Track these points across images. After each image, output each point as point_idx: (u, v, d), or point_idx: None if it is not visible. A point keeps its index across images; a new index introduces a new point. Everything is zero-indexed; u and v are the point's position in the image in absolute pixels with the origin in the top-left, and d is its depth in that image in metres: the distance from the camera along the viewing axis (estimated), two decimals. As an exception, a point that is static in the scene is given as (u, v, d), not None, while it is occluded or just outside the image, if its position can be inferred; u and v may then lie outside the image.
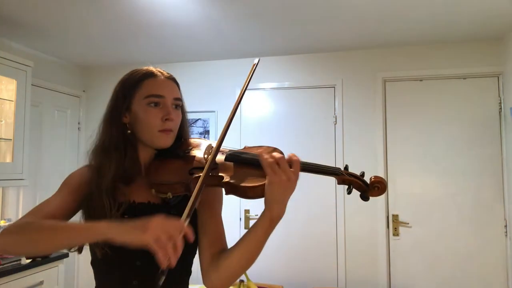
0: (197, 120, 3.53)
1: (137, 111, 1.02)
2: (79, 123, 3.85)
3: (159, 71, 1.07)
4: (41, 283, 2.64)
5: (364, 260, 3.16)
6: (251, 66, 1.05)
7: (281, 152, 1.01)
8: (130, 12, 2.58)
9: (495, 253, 2.95)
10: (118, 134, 1.02)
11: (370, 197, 0.99)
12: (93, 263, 1.05)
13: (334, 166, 1.01)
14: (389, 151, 3.23)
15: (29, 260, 2.59)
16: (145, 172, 1.05)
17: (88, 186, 1.02)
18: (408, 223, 3.13)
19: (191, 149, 1.07)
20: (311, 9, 2.53)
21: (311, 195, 3.23)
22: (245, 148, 1.07)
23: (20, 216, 3.12)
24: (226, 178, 0.95)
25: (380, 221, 3.14)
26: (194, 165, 1.00)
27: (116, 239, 0.80)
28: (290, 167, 0.88)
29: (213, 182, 0.96)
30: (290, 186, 0.87)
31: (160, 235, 0.77)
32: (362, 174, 1.01)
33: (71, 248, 0.96)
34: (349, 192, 0.99)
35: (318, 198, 3.27)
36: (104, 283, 1.03)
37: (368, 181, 0.99)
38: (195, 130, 3.56)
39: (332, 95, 3.37)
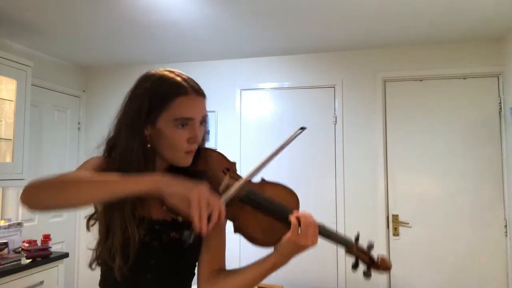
0: (197, 120, 3.54)
1: (162, 129, 0.96)
2: (79, 123, 3.85)
3: (190, 84, 0.98)
4: (41, 283, 2.64)
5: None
6: (297, 131, 1.06)
7: (297, 200, 1.04)
8: (130, 12, 2.58)
9: (495, 253, 2.95)
10: (139, 148, 0.96)
11: (372, 274, 1.03)
12: (102, 269, 1.03)
13: (346, 237, 1.04)
14: (389, 151, 3.23)
15: (29, 260, 2.59)
16: None
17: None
18: (408, 223, 3.13)
19: (209, 175, 1.02)
20: (311, 9, 2.53)
21: (311, 195, 3.23)
22: (262, 182, 1.05)
23: (20, 217, 3.15)
24: (236, 222, 0.96)
25: (380, 221, 3.14)
26: None
27: (164, 190, 0.83)
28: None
29: (227, 216, 0.94)
30: (305, 249, 0.93)
31: (202, 198, 0.81)
32: (371, 246, 1.06)
33: (111, 199, 0.87)
34: (353, 267, 1.03)
35: (318, 198, 3.27)
36: None
37: (375, 259, 1.04)
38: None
39: (332, 95, 3.37)
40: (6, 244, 2.63)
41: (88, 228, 1.01)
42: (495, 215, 2.97)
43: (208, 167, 1.04)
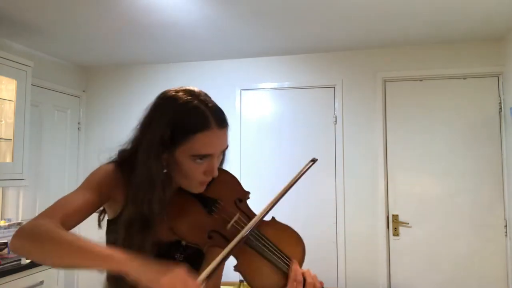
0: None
1: (180, 160, 0.93)
2: (79, 123, 3.85)
3: (214, 117, 0.94)
4: (41, 283, 2.64)
5: (364, 260, 3.16)
6: (308, 163, 1.03)
7: (303, 249, 1.02)
8: (130, 12, 2.58)
9: (495, 253, 2.95)
10: (157, 171, 0.94)
11: None
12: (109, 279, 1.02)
13: None
14: (389, 151, 3.23)
15: (29, 260, 2.59)
16: (167, 209, 0.97)
17: (117, 190, 0.98)
18: (408, 223, 3.13)
19: (219, 205, 1.00)
20: (311, 9, 2.53)
21: (311, 195, 3.23)
22: (272, 221, 1.03)
23: (20, 217, 3.14)
24: (239, 265, 0.94)
25: (380, 221, 3.14)
26: (215, 228, 0.96)
27: (132, 275, 0.76)
28: None
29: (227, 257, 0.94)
30: None
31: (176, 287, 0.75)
32: None
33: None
34: None
35: (318, 198, 3.27)
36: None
37: None
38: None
39: (332, 95, 3.37)
40: (6, 244, 2.63)
41: (99, 224, 1.01)
42: (495, 215, 2.97)
43: (221, 194, 1.02)
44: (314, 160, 1.03)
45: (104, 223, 1.02)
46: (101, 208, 1.02)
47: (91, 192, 0.94)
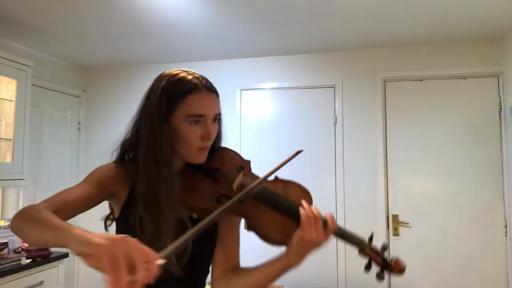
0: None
1: (177, 126, 0.99)
2: (79, 123, 3.85)
3: (202, 83, 1.01)
4: (41, 283, 2.64)
5: (364, 260, 3.16)
6: (293, 153, 1.04)
7: (311, 198, 1.03)
8: (130, 12, 2.58)
9: (495, 253, 2.95)
10: (160, 143, 0.99)
11: (385, 276, 1.02)
12: None
13: (359, 237, 1.04)
14: (389, 151, 3.23)
15: (29, 260, 2.59)
16: (174, 188, 1.01)
17: (119, 186, 1.01)
18: (408, 223, 3.13)
19: (223, 172, 1.04)
20: (311, 9, 2.53)
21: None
22: (275, 180, 1.06)
23: (20, 216, 3.14)
24: (249, 220, 0.96)
25: (380, 221, 3.14)
26: (222, 192, 1.00)
27: (69, 246, 0.68)
28: (325, 227, 0.93)
29: (237, 212, 0.98)
30: (317, 245, 0.92)
31: (119, 253, 0.60)
32: (384, 248, 1.04)
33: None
34: (366, 268, 1.03)
35: (318, 198, 3.26)
36: None
37: (389, 261, 1.03)
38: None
39: (332, 95, 3.37)
40: (6, 244, 2.63)
41: (106, 228, 1.04)
42: (495, 215, 2.97)
43: (223, 164, 1.06)
44: (299, 152, 1.05)
45: (111, 227, 1.05)
46: (108, 213, 1.06)
47: (90, 185, 0.97)
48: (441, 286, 3.01)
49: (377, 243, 1.02)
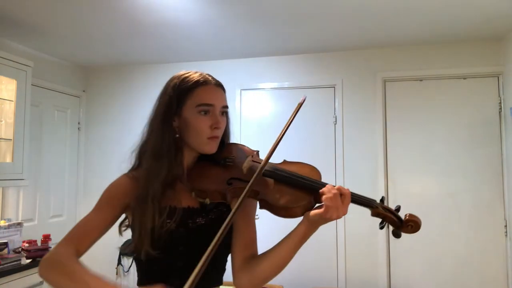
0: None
1: (187, 117, 1.06)
2: (79, 123, 3.85)
3: (209, 78, 1.11)
4: (41, 283, 2.65)
5: (364, 260, 3.16)
6: (297, 105, 1.11)
7: (319, 174, 1.09)
8: (130, 12, 2.58)
9: (495, 253, 2.95)
10: (170, 138, 1.06)
11: (402, 234, 1.05)
12: (136, 259, 1.09)
13: (371, 199, 1.06)
14: (389, 151, 3.23)
15: (29, 260, 2.59)
16: (187, 176, 1.09)
17: (130, 195, 1.06)
18: (408, 223, 3.12)
19: (232, 157, 1.11)
20: (311, 9, 2.53)
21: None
22: (284, 162, 1.11)
23: (20, 217, 3.15)
24: (263, 195, 0.99)
25: (380, 221, 3.13)
26: (232, 175, 1.05)
27: None
28: (342, 202, 0.98)
29: (250, 195, 0.99)
30: (335, 217, 0.97)
31: None
32: (398, 209, 1.07)
33: None
34: (381, 227, 1.05)
35: (318, 198, 3.26)
36: (146, 280, 1.07)
37: (403, 218, 1.05)
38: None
39: (332, 95, 3.37)
40: (6, 244, 2.63)
41: (120, 233, 1.09)
42: (495, 215, 2.97)
43: (232, 153, 1.13)
44: (302, 102, 1.13)
45: (126, 232, 1.10)
46: (122, 218, 1.10)
47: (103, 209, 1.05)
48: (441, 286, 3.01)
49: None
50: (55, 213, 3.53)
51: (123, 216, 1.10)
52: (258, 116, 3.52)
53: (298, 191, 1.00)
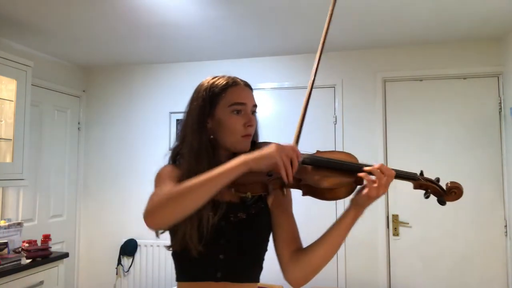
0: (197, 120, 3.54)
1: (221, 118, 1.11)
2: (79, 123, 3.85)
3: (238, 79, 1.17)
4: (41, 283, 2.64)
5: (364, 260, 3.16)
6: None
7: (356, 158, 1.12)
8: (130, 13, 2.58)
9: (495, 253, 2.95)
10: (206, 139, 1.10)
11: (447, 202, 1.10)
12: (174, 255, 1.11)
13: (412, 172, 1.10)
14: (389, 151, 3.23)
15: (29, 260, 2.59)
16: None
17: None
18: (408, 223, 3.13)
19: None
20: (311, 9, 2.53)
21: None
22: (317, 152, 1.16)
23: (20, 217, 3.14)
24: (305, 181, 1.03)
25: (380, 221, 3.14)
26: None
27: (254, 168, 0.92)
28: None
29: (292, 184, 1.02)
30: (380, 194, 1.01)
31: (283, 156, 0.93)
32: (438, 180, 1.11)
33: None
34: (426, 197, 1.09)
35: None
36: (187, 275, 1.09)
37: (445, 187, 1.09)
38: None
39: (332, 95, 3.37)
40: (6, 244, 2.63)
41: (157, 235, 1.09)
42: (495, 215, 2.97)
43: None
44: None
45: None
46: None
47: (170, 182, 1.06)
48: (441, 286, 3.01)
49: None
50: (55, 213, 3.53)
51: None
52: (258, 116, 3.51)
53: (339, 173, 1.04)
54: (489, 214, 2.98)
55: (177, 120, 3.59)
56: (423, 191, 1.09)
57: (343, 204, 3.23)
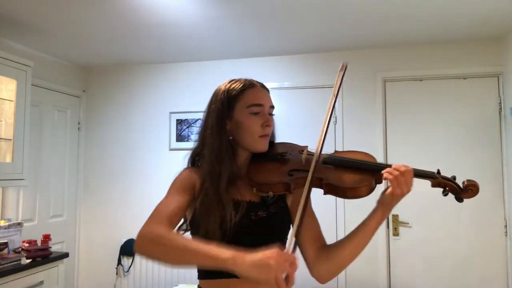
0: (197, 120, 3.53)
1: (239, 119, 1.14)
2: (79, 123, 3.85)
3: (254, 81, 1.20)
4: (41, 283, 2.64)
5: (364, 260, 3.16)
6: (339, 72, 1.15)
7: (374, 157, 1.16)
8: (130, 13, 2.58)
9: (495, 253, 2.95)
10: (226, 140, 1.13)
11: (464, 199, 1.12)
12: None
13: (430, 171, 1.14)
14: (389, 151, 3.23)
15: (29, 260, 2.59)
16: (246, 173, 1.15)
17: (196, 188, 1.11)
18: (408, 223, 3.13)
19: (287, 152, 1.19)
20: (310, 9, 2.53)
21: (310, 195, 3.22)
22: (335, 152, 1.18)
23: (20, 217, 3.14)
24: (326, 180, 1.05)
25: (442, 190, 3.12)
26: (293, 167, 1.12)
27: (242, 275, 0.85)
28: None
29: (314, 183, 1.04)
30: (405, 193, 1.06)
31: (279, 273, 0.83)
32: (454, 178, 1.15)
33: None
34: (445, 195, 1.12)
35: (318, 198, 3.26)
36: (208, 273, 1.10)
37: (461, 185, 1.13)
38: (196, 130, 3.56)
39: (332, 95, 3.37)
40: (6, 244, 2.63)
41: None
42: (495, 215, 2.97)
43: (285, 150, 1.20)
44: (344, 67, 1.17)
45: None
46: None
47: (180, 194, 1.09)
48: (441, 286, 3.01)
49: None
50: (55, 213, 3.53)
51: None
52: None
53: (359, 172, 1.06)
54: (489, 214, 2.98)
55: (177, 120, 3.59)
56: (441, 189, 1.13)
57: (343, 204, 3.23)
